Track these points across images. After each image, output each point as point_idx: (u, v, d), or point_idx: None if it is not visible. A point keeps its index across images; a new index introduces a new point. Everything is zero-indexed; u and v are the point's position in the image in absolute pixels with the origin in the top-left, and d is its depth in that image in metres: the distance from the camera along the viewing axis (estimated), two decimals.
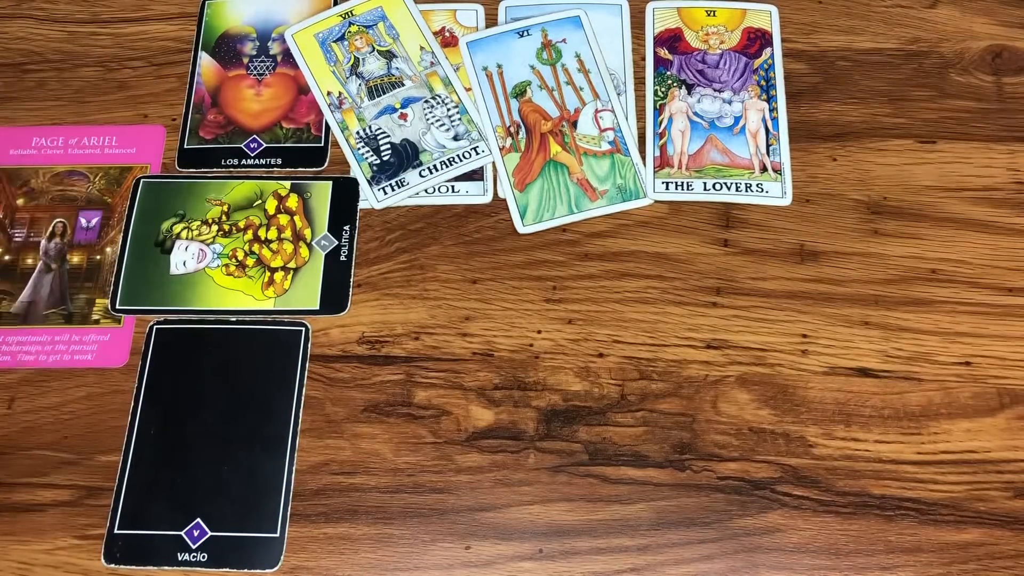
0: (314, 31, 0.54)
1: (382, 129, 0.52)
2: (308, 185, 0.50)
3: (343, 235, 0.49)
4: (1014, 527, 0.42)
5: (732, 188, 0.50)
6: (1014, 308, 0.46)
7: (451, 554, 0.42)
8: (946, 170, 0.50)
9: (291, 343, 0.46)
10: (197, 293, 0.48)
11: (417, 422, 0.45)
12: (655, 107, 0.52)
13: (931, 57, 0.53)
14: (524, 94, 0.52)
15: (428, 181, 0.50)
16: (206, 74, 0.54)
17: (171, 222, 0.50)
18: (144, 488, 0.43)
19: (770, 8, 0.55)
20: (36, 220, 0.50)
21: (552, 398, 0.45)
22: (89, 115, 0.53)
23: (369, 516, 0.43)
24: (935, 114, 0.51)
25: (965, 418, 0.44)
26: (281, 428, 0.44)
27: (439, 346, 0.46)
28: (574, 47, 0.53)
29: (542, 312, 0.47)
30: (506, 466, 0.44)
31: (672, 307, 0.47)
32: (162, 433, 0.44)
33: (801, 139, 0.51)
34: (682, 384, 0.45)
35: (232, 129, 0.52)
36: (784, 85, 0.52)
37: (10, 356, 0.47)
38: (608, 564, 0.41)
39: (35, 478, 0.44)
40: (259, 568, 0.42)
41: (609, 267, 0.48)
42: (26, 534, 0.43)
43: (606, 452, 0.44)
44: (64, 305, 0.48)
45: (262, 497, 0.43)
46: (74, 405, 0.45)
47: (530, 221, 0.49)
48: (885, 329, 0.46)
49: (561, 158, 0.51)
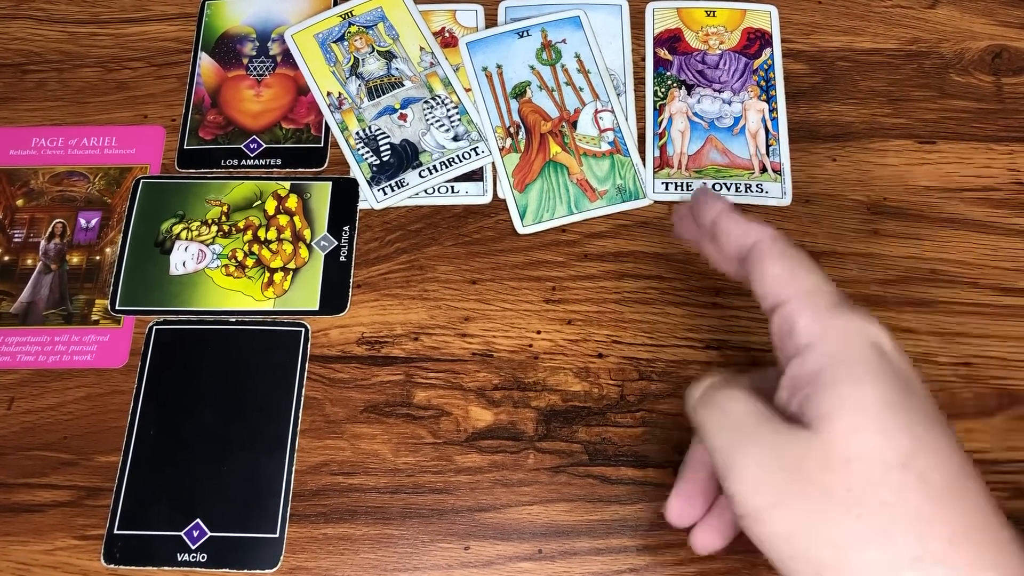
0: (314, 31, 0.54)
1: (382, 130, 0.52)
2: (308, 186, 0.50)
3: (343, 236, 0.49)
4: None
5: (732, 189, 0.50)
6: (1014, 308, 0.46)
7: (450, 554, 0.42)
8: (946, 170, 0.50)
9: (291, 344, 0.46)
10: (197, 294, 0.48)
11: (416, 422, 0.45)
12: (655, 107, 0.52)
13: (931, 57, 0.53)
14: (524, 94, 0.52)
15: (428, 181, 0.50)
16: (206, 75, 0.54)
17: (171, 222, 0.50)
18: (144, 488, 0.43)
19: (770, 8, 0.55)
20: (36, 220, 0.50)
21: (551, 398, 0.45)
22: (89, 115, 0.53)
23: (369, 516, 0.43)
24: (935, 114, 0.51)
25: (964, 418, 0.44)
26: (281, 428, 0.44)
27: (438, 347, 0.46)
28: (574, 47, 0.53)
29: (541, 312, 0.47)
30: (505, 466, 0.44)
31: (671, 307, 0.47)
32: (162, 433, 0.44)
33: (801, 139, 0.51)
34: (682, 384, 0.45)
35: (232, 130, 0.52)
36: (784, 85, 0.52)
37: (10, 356, 0.47)
38: (608, 564, 0.41)
39: (34, 478, 0.44)
40: (259, 568, 0.42)
41: (608, 267, 0.48)
42: (25, 534, 0.43)
43: (606, 452, 0.44)
44: (64, 306, 0.48)
45: (262, 497, 0.43)
46: (73, 405, 0.45)
47: (530, 221, 0.49)
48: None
49: (561, 158, 0.51)
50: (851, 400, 0.29)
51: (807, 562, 0.29)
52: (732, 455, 0.31)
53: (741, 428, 0.31)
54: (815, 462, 0.29)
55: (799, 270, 0.32)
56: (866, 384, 0.29)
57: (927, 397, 0.31)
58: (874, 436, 0.29)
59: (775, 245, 0.33)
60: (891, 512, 0.28)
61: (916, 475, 0.28)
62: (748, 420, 0.31)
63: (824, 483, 0.29)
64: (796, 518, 0.29)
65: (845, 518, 0.28)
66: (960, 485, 0.29)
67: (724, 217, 0.35)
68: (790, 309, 0.32)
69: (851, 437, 0.29)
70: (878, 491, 0.28)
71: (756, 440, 0.31)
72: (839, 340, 0.31)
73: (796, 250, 0.33)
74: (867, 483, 0.28)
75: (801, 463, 0.29)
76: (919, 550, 0.28)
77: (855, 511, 0.28)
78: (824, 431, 0.29)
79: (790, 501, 0.29)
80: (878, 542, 0.28)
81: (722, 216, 0.35)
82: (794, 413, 0.31)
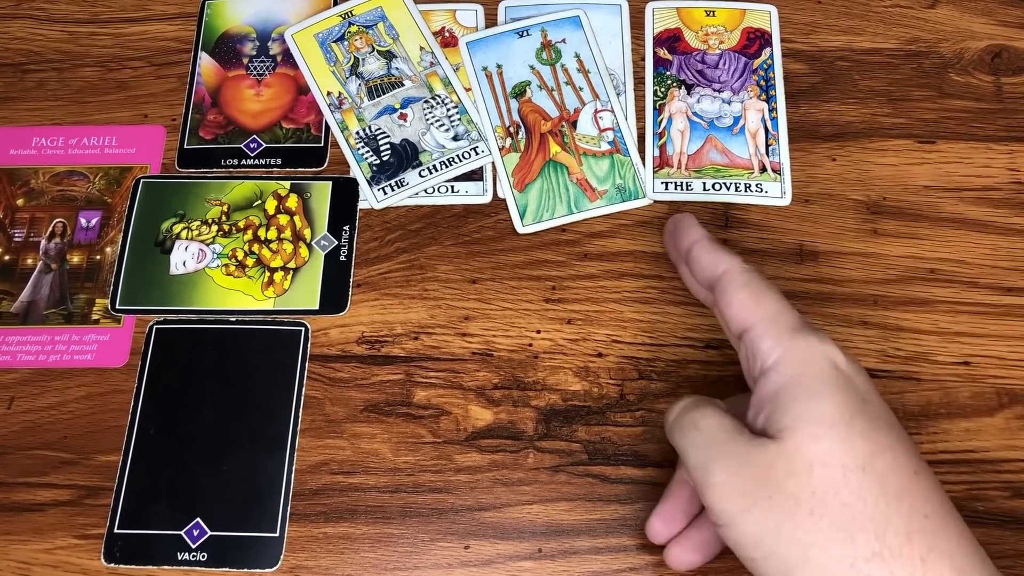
0: (314, 31, 0.54)
1: (382, 129, 0.52)
2: (308, 185, 0.50)
3: (343, 235, 0.49)
4: (1013, 527, 0.42)
5: (731, 188, 0.50)
6: (1013, 308, 0.46)
7: (450, 553, 0.42)
8: (945, 170, 0.50)
9: (291, 343, 0.46)
10: (197, 293, 0.48)
11: (416, 422, 0.45)
12: (654, 107, 0.52)
13: (930, 57, 0.53)
14: (524, 94, 0.52)
15: (428, 181, 0.50)
16: (206, 74, 0.54)
17: (171, 222, 0.50)
18: (144, 488, 0.43)
19: (769, 8, 0.55)
20: (36, 220, 0.50)
21: (551, 398, 0.45)
22: (89, 115, 0.53)
23: (369, 516, 0.43)
24: (934, 114, 0.51)
25: (964, 418, 0.44)
26: (281, 428, 0.44)
27: (438, 346, 0.46)
28: (574, 47, 0.53)
29: (541, 312, 0.47)
30: (505, 466, 0.44)
31: (671, 307, 0.47)
32: (162, 433, 0.44)
33: (800, 139, 0.51)
34: (681, 384, 0.45)
35: (232, 129, 0.52)
36: (783, 85, 0.52)
37: (10, 356, 0.47)
38: (608, 564, 0.41)
39: (35, 478, 0.44)
40: (259, 568, 0.42)
41: (608, 267, 0.48)
42: (26, 534, 0.43)
43: (605, 452, 0.44)
44: (64, 305, 0.48)
45: (262, 497, 0.43)
46: (74, 405, 0.45)
47: (529, 221, 0.49)
48: (884, 329, 0.46)
49: (560, 158, 0.51)
50: (811, 412, 0.32)
51: (777, 561, 0.31)
52: (707, 468, 0.33)
53: (713, 442, 0.34)
54: (781, 469, 0.31)
55: (762, 297, 0.36)
56: (824, 397, 0.32)
57: (882, 406, 0.34)
58: (834, 443, 0.31)
59: (742, 275, 0.36)
60: (851, 512, 0.30)
61: (874, 477, 0.31)
62: (720, 435, 0.34)
63: (790, 488, 0.31)
64: (765, 521, 0.31)
65: (809, 519, 0.31)
66: (915, 485, 0.31)
67: (697, 247, 0.38)
68: (754, 334, 0.35)
69: (813, 444, 0.31)
70: (839, 493, 0.31)
71: (727, 452, 0.33)
72: (798, 360, 0.33)
73: (761, 279, 0.36)
74: (829, 486, 0.31)
75: (768, 471, 0.32)
76: (877, 545, 0.30)
77: (818, 512, 0.31)
78: (788, 440, 0.32)
79: (760, 505, 0.31)
80: (840, 540, 0.30)
81: (696, 246, 0.38)
82: (761, 429, 0.33)
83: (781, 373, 0.33)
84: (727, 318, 0.36)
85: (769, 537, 0.31)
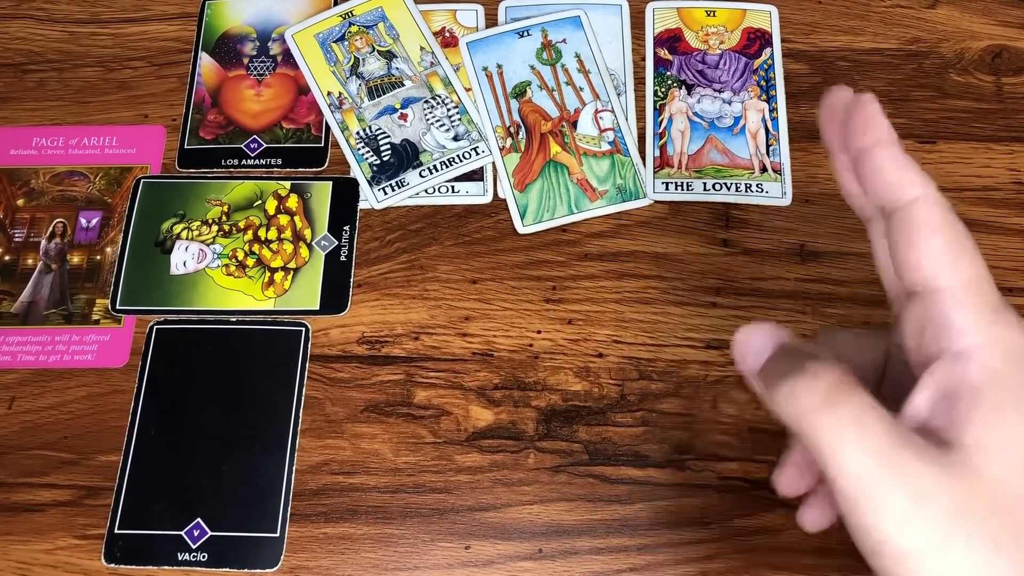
0: (314, 31, 0.54)
1: (382, 129, 0.52)
2: (308, 185, 0.50)
3: (343, 235, 0.49)
4: None
5: (732, 188, 0.50)
6: (1013, 308, 0.46)
7: (451, 554, 0.42)
8: (946, 170, 0.50)
9: (291, 343, 0.46)
10: (197, 293, 0.48)
11: (417, 422, 0.45)
12: (655, 107, 0.52)
13: (931, 57, 0.53)
14: (524, 94, 0.52)
15: (428, 181, 0.50)
16: (206, 74, 0.54)
17: (171, 222, 0.50)
18: (144, 488, 0.43)
19: (770, 8, 0.55)
20: (36, 220, 0.50)
21: (552, 398, 0.45)
22: (89, 115, 0.53)
23: (369, 516, 0.43)
24: (935, 114, 0.51)
25: None
26: (281, 428, 0.44)
27: (439, 346, 0.46)
28: (574, 47, 0.53)
29: (542, 312, 0.47)
30: (506, 466, 0.44)
31: (672, 307, 0.47)
32: (162, 433, 0.44)
33: (801, 139, 0.51)
34: (682, 384, 0.45)
35: (232, 129, 0.52)
36: (784, 85, 0.52)
37: (10, 356, 0.47)
38: (608, 564, 0.41)
39: (35, 478, 0.44)
40: (259, 568, 0.42)
41: (609, 267, 0.48)
42: (26, 534, 0.43)
43: (606, 452, 0.44)
44: (64, 305, 0.48)
45: (262, 497, 0.43)
46: (74, 405, 0.45)
47: (530, 221, 0.49)
48: None
49: (561, 158, 0.51)
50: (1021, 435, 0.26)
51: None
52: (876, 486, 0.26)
53: (883, 452, 0.26)
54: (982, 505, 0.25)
55: (962, 251, 0.28)
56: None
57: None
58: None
59: (939, 213, 0.28)
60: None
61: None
62: (889, 441, 0.26)
63: (991, 530, 0.25)
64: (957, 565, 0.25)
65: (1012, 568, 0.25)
66: None
67: (881, 153, 0.28)
68: (946, 301, 0.27)
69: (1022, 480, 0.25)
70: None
71: (904, 470, 0.26)
72: (1003, 355, 0.27)
73: (959, 223, 0.28)
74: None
75: (966, 505, 0.25)
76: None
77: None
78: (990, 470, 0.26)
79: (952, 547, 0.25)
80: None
81: (879, 150, 0.28)
82: (935, 426, 0.27)
83: (983, 366, 0.26)
84: (902, 263, 0.28)
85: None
